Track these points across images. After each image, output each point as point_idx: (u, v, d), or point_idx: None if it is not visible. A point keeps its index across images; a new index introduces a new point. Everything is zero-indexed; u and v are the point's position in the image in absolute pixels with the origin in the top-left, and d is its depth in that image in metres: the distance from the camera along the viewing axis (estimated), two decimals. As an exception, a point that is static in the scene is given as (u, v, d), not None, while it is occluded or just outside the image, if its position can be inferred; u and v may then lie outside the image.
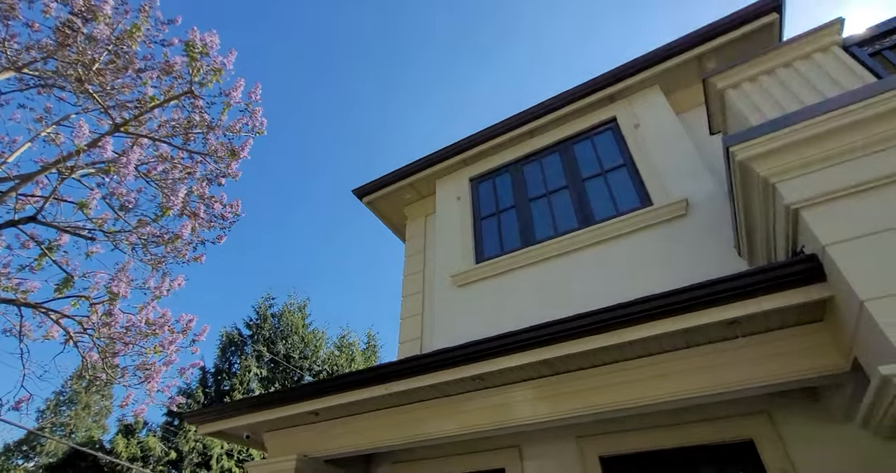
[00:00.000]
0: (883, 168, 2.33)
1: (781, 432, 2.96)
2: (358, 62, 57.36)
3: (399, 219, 6.85)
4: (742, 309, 2.51)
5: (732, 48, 4.97)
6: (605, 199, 4.59)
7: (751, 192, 2.87)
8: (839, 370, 2.44)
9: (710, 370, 2.73)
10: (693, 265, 3.58)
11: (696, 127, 4.84)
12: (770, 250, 3.10)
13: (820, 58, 3.25)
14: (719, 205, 3.89)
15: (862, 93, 2.56)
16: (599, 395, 2.97)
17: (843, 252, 2.20)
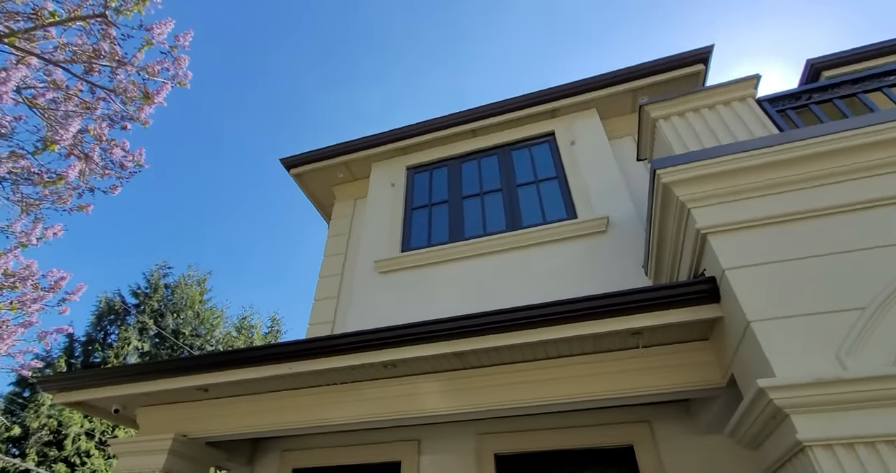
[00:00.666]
0: (778, 207, 2.63)
1: (657, 439, 3.24)
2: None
3: (327, 198, 6.57)
4: (645, 321, 2.70)
5: (663, 88, 5.41)
6: (534, 207, 4.75)
7: (668, 214, 3.10)
8: (717, 385, 2.71)
9: (610, 377, 2.90)
10: (607, 277, 3.82)
11: (623, 153, 5.20)
12: (674, 272, 3.39)
13: (737, 105, 3.61)
14: (634, 227, 4.20)
15: (766, 142, 2.87)
16: (507, 393, 3.03)
17: (739, 277, 2.45)
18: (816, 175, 2.68)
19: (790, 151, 2.74)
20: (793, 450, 1.96)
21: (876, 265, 2.28)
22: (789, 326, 2.20)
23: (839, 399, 1.91)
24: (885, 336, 2.05)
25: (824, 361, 2.05)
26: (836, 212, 2.54)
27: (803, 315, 2.22)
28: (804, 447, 1.87)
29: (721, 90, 3.62)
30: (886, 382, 1.88)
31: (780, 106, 3.63)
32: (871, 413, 1.87)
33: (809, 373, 2.00)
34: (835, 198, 2.58)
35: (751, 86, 3.65)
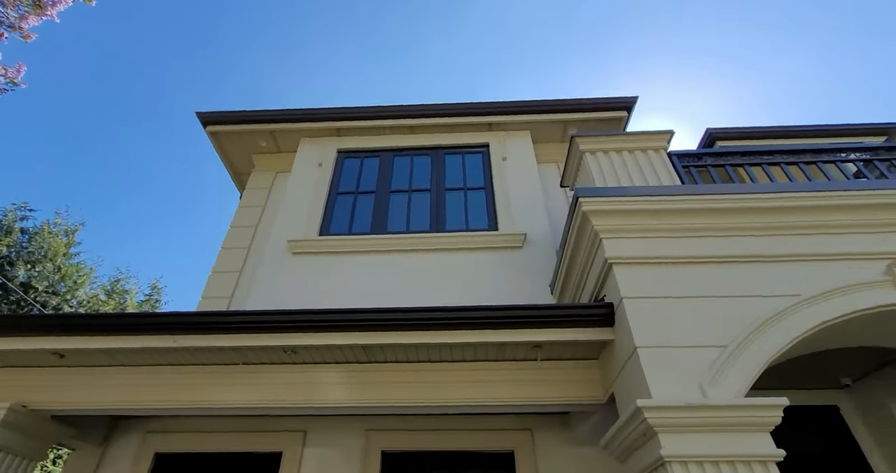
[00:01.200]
0: (672, 249, 2.98)
1: (537, 447, 3.48)
2: None
3: (244, 166, 6.10)
4: (547, 336, 2.90)
5: (589, 125, 5.87)
6: (459, 213, 4.86)
7: (582, 239, 3.35)
8: (598, 401, 2.98)
9: (509, 384, 3.07)
10: (517, 291, 4.02)
11: (547, 177, 5.55)
12: (577, 295, 3.67)
13: (652, 154, 4.02)
14: (547, 247, 4.48)
15: (670, 190, 3.24)
16: (409, 391, 3.06)
17: (634, 307, 2.73)
18: (702, 226, 3.07)
19: (687, 203, 3.11)
20: (655, 464, 2.22)
21: (738, 311, 2.68)
22: (668, 355, 2.50)
23: (698, 423, 2.21)
24: (739, 372, 2.41)
25: (690, 388, 2.36)
26: (713, 261, 2.94)
27: (679, 346, 2.54)
28: (665, 462, 2.13)
29: (642, 137, 4.00)
30: (735, 411, 2.22)
31: (685, 162, 4.09)
32: (721, 436, 2.19)
33: (678, 398, 2.29)
34: (714, 248, 2.98)
35: (665, 139, 4.07)
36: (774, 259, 2.91)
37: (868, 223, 3.02)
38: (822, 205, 3.07)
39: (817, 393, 4.18)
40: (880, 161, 3.79)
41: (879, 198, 3.06)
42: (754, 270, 2.87)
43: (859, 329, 2.89)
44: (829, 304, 2.68)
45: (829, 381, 4.18)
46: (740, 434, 2.19)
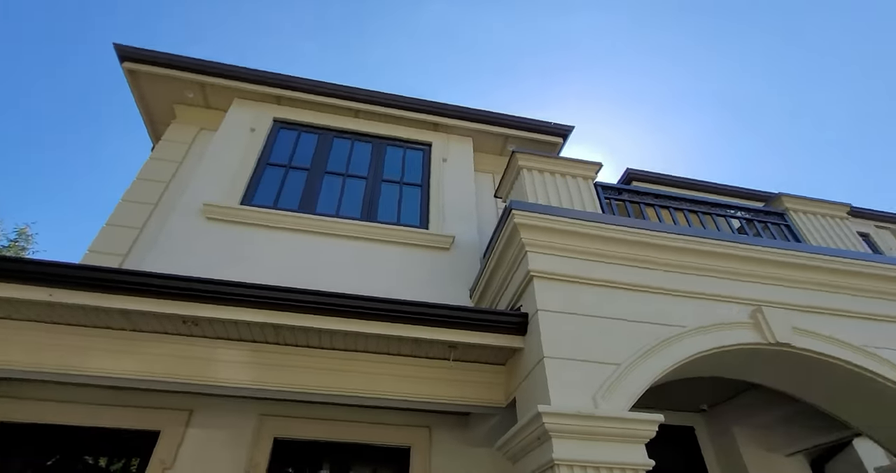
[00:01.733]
0: (588, 271, 3.22)
1: (433, 444, 3.57)
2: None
3: (163, 114, 5.50)
4: (462, 337, 2.99)
5: (526, 144, 6.15)
6: (392, 206, 4.83)
7: (509, 249, 3.50)
8: (499, 405, 3.14)
9: (422, 381, 3.12)
10: (439, 291, 4.08)
11: (482, 187, 5.72)
12: (495, 302, 3.82)
13: (581, 181, 4.31)
14: (472, 254, 4.61)
15: (593, 217, 3.50)
16: (317, 377, 2.98)
17: (547, 319, 2.91)
18: (616, 255, 3.36)
19: (607, 231, 3.39)
20: (545, 466, 2.39)
21: (635, 334, 2.98)
22: (570, 367, 2.71)
23: (587, 431, 2.42)
24: (627, 388, 2.68)
25: (585, 399, 2.58)
26: (620, 287, 3.23)
27: (581, 360, 2.76)
28: (554, 464, 2.30)
29: (575, 164, 4.27)
30: (620, 423, 2.46)
31: (607, 194, 4.44)
32: (605, 444, 2.41)
33: (573, 407, 2.48)
34: (623, 276, 3.28)
35: (594, 170, 4.38)
36: (669, 292, 3.27)
37: (742, 272, 3.52)
38: (712, 251, 3.51)
39: (678, 415, 4.77)
40: (758, 222, 4.43)
41: (754, 252, 3.57)
42: (652, 300, 3.21)
43: (723, 361, 3.34)
44: (705, 337, 3.07)
45: (689, 405, 4.79)
46: (621, 444, 2.44)
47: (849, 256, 3.75)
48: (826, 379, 3.38)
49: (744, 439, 4.54)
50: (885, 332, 3.47)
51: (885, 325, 3.52)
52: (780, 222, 4.49)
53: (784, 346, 3.16)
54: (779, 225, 4.47)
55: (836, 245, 4.31)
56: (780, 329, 3.19)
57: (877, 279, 3.73)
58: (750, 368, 3.49)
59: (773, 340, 3.14)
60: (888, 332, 3.47)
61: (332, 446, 3.48)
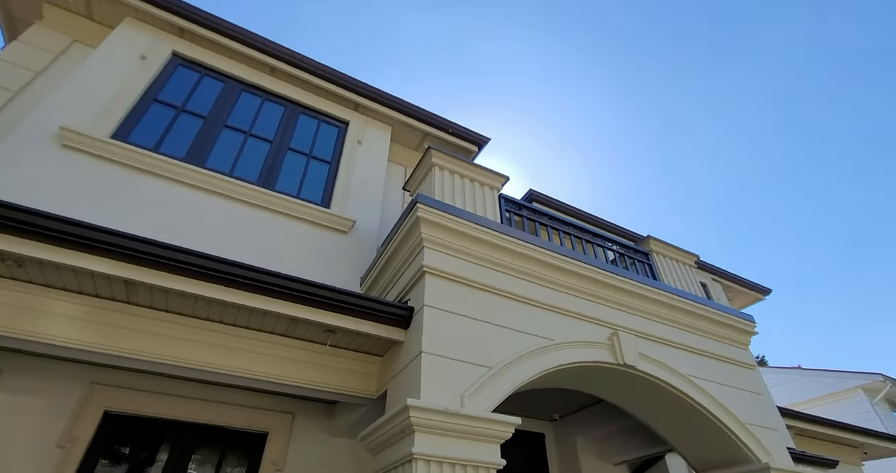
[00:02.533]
0: (477, 275, 3.32)
1: (294, 431, 3.37)
2: None
3: (23, 9, 4.50)
4: (342, 322, 2.87)
5: (445, 146, 6.23)
6: (294, 178, 4.52)
7: (407, 241, 3.47)
8: (370, 396, 3.07)
9: (293, 364, 2.93)
10: (330, 273, 3.89)
11: (392, 177, 5.63)
12: (384, 293, 3.76)
13: (487, 190, 4.45)
14: (370, 242, 4.49)
15: (492, 225, 3.63)
16: (166, 345, 2.64)
17: (432, 315, 2.93)
18: (507, 265, 3.51)
19: (503, 241, 3.53)
20: (403, 460, 2.38)
21: (509, 341, 3.12)
22: (445, 365, 2.74)
23: (450, 428, 2.46)
24: (494, 391, 2.79)
25: (454, 397, 2.62)
26: (505, 295, 3.37)
27: (457, 360, 2.81)
28: (413, 458, 2.30)
29: (485, 173, 4.39)
30: (482, 422, 2.55)
31: (509, 207, 4.65)
32: (464, 442, 2.48)
33: (441, 403, 2.51)
34: (509, 285, 3.43)
35: (501, 181, 4.54)
36: (546, 307, 3.50)
37: (609, 298, 3.90)
38: (589, 275, 3.84)
39: (533, 422, 5.14)
40: (628, 256, 4.97)
41: (620, 282, 3.98)
42: (530, 311, 3.40)
43: (578, 375, 3.66)
44: (569, 352, 3.33)
45: (544, 414, 5.18)
46: (479, 442, 2.52)
47: (689, 298, 4.36)
48: (656, 400, 3.87)
49: (583, 447, 5.03)
50: (706, 366, 4.09)
51: (707, 360, 4.16)
52: (644, 260, 5.09)
53: (630, 368, 3.55)
54: (643, 262, 5.06)
55: (682, 287, 4.99)
56: (629, 352, 3.59)
57: (706, 321, 4.40)
58: (599, 384, 3.87)
59: (623, 361, 3.51)
60: (708, 366, 4.10)
61: (177, 425, 3.10)
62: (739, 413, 3.87)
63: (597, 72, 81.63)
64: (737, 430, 3.77)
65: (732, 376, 4.22)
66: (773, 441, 3.94)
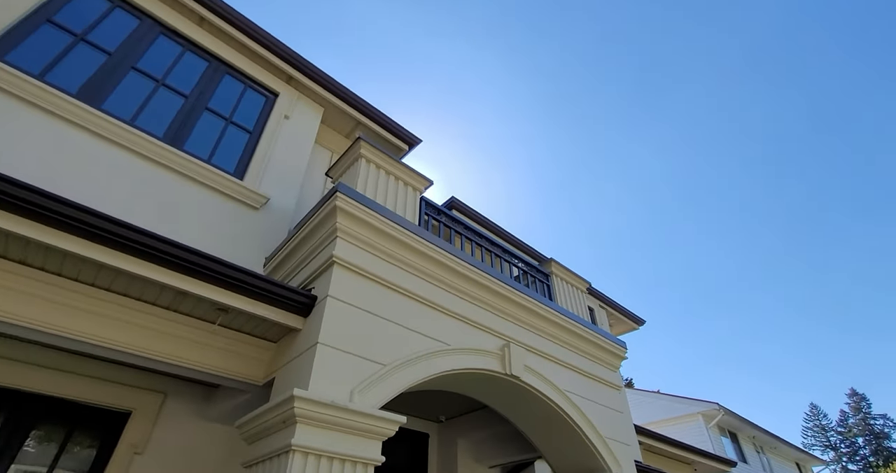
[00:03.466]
0: (386, 272, 3.31)
1: (163, 412, 3.07)
2: None
3: None
4: (236, 302, 2.69)
5: (375, 139, 6.15)
6: (208, 141, 4.16)
7: (321, 228, 3.35)
8: (255, 382, 2.91)
9: (173, 339, 2.68)
10: (234, 250, 3.62)
11: (317, 160, 5.42)
12: (288, 278, 3.60)
13: (410, 191, 4.47)
14: (283, 222, 4.27)
15: (410, 227, 3.64)
16: (31, 306, 2.27)
17: (334, 306, 2.86)
18: (417, 267, 3.55)
19: (417, 243, 3.57)
20: (280, 451, 2.28)
21: (407, 341, 3.15)
22: (340, 358, 2.69)
23: (334, 421, 2.42)
24: (385, 388, 2.79)
25: (343, 391, 2.58)
26: (411, 296, 3.40)
27: (352, 354, 2.78)
28: (291, 450, 2.22)
29: (411, 173, 4.40)
30: (368, 418, 2.54)
31: (428, 211, 4.70)
32: (347, 436, 2.45)
33: (329, 396, 2.45)
34: (416, 287, 3.46)
35: (425, 184, 4.59)
36: (448, 312, 3.58)
37: (507, 311, 4.10)
38: (492, 288, 4.01)
39: (421, 422, 5.21)
40: (531, 275, 5.27)
41: (520, 298, 4.21)
42: (432, 315, 3.46)
43: (469, 381, 3.80)
44: (464, 357, 3.45)
45: (431, 415, 5.27)
46: (362, 438, 2.51)
47: (577, 321, 4.74)
48: (533, 410, 4.13)
49: (463, 450, 5.21)
50: (580, 383, 4.46)
51: (582, 378, 4.53)
52: (544, 280, 5.43)
53: (515, 379, 3.76)
54: (543, 282, 5.39)
55: (573, 309, 5.39)
56: (517, 364, 3.80)
57: (588, 343, 4.80)
58: (485, 391, 4.04)
59: (510, 372, 3.71)
60: (582, 383, 4.47)
61: (17, 395, 2.67)
62: (601, 428, 4.27)
63: (529, 99, 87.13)
64: (597, 443, 4.15)
65: (601, 394, 4.64)
66: (624, 454, 4.39)
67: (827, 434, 49.51)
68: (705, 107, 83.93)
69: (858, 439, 47.68)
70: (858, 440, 47.64)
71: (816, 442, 49.29)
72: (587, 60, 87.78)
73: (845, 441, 48.34)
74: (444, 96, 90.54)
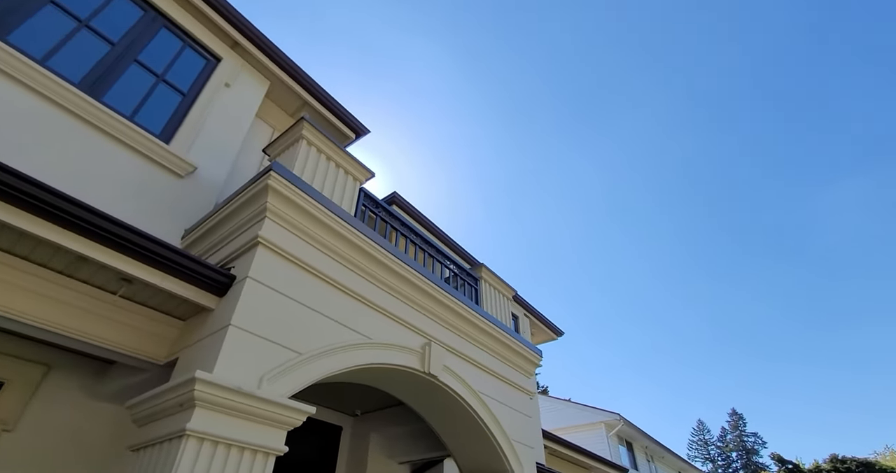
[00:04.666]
0: (316, 262, 3.21)
1: (44, 386, 2.76)
2: None
3: None
4: (146, 273, 2.49)
5: (321, 123, 5.97)
6: (133, 97, 3.80)
7: (249, 207, 3.18)
8: (155, 361, 2.70)
9: (62, 306, 2.40)
10: (150, 217, 3.32)
11: (255, 135, 5.16)
12: (206, 255, 3.38)
13: (350, 180, 4.35)
14: (209, 196, 4.00)
15: (345, 216, 3.55)
16: None
17: (254, 289, 2.73)
18: (346, 257, 3.47)
19: (349, 233, 3.49)
20: (172, 435, 2.13)
21: (328, 331, 3.07)
22: (252, 342, 2.57)
23: (237, 408, 2.30)
24: (298, 377, 2.70)
25: (251, 377, 2.47)
26: (337, 286, 3.31)
27: (266, 339, 2.66)
28: (185, 434, 2.08)
29: (353, 162, 4.29)
30: (275, 407, 2.44)
31: (366, 202, 4.62)
32: (249, 424, 2.33)
33: (235, 382, 2.33)
34: (343, 277, 3.38)
35: (366, 175, 4.50)
36: (373, 306, 3.54)
37: (433, 311, 4.12)
38: (421, 287, 4.01)
39: (336, 414, 5.09)
40: (461, 278, 5.35)
41: (447, 299, 4.25)
42: (357, 308, 3.41)
43: (386, 376, 3.77)
44: (384, 352, 3.42)
45: (347, 408, 5.17)
46: (266, 426, 2.40)
47: (499, 326, 4.86)
48: (447, 409, 4.18)
49: (375, 445, 5.16)
50: (495, 386, 4.58)
51: (497, 381, 4.66)
52: (473, 284, 5.53)
53: (433, 377, 3.78)
54: (472, 286, 5.49)
55: (497, 315, 5.54)
56: (436, 363, 3.83)
57: (507, 348, 4.95)
58: (402, 387, 4.04)
59: (428, 371, 3.73)
60: (496, 386, 4.60)
61: None
62: (510, 431, 4.41)
63: (480, 103, 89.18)
64: (503, 444, 4.28)
65: (513, 398, 4.80)
66: (528, 456, 4.57)
67: (708, 447, 54.70)
68: (647, 133, 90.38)
69: (733, 453, 53.07)
70: (733, 454, 53.03)
71: (699, 454, 54.30)
72: (542, 72, 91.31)
73: (722, 455, 53.65)
74: (396, 90, 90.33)
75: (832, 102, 79.48)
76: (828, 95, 79.34)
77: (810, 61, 77.67)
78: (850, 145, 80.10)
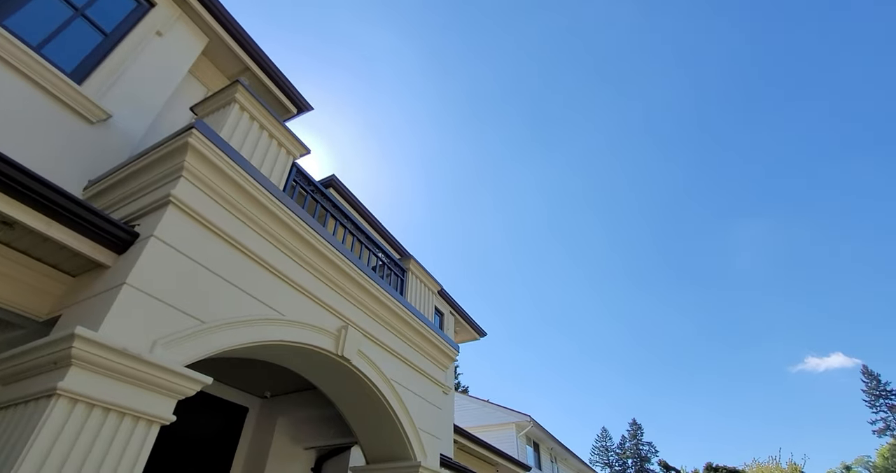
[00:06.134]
0: (232, 230, 3.06)
1: None
2: None
3: None
4: (31, 219, 2.25)
5: (260, 92, 5.71)
6: (44, 27, 3.40)
7: (164, 164, 2.96)
8: (34, 317, 2.45)
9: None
10: (50, 163, 2.99)
11: (185, 91, 4.83)
12: (110, 209, 3.11)
13: (283, 153, 4.12)
14: (122, 149, 3.69)
15: (270, 187, 3.40)
16: None
17: (156, 249, 2.55)
18: (267, 229, 3.33)
19: (272, 204, 3.36)
20: (40, 394, 1.94)
21: (237, 302, 2.94)
22: (148, 305, 2.40)
23: (121, 370, 2.14)
24: (198, 346, 2.56)
25: (143, 341, 2.30)
26: (252, 258, 3.17)
27: (167, 303, 2.50)
28: (55, 394, 1.90)
29: (288, 135, 4.12)
30: (166, 373, 2.29)
31: (298, 179, 4.48)
32: (134, 389, 2.18)
33: (121, 343, 2.16)
34: (261, 249, 3.24)
35: (301, 152, 4.33)
36: (292, 283, 3.44)
37: (354, 295, 4.07)
38: (345, 270, 3.94)
39: (243, 395, 4.86)
40: (388, 267, 5.33)
41: (370, 285, 4.21)
42: (273, 282, 3.29)
43: (298, 356, 3.67)
44: (296, 330, 3.33)
45: (257, 389, 4.96)
46: (154, 393, 2.25)
47: (419, 317, 4.89)
48: (358, 394, 4.15)
49: (281, 428, 5.00)
50: (408, 375, 4.61)
51: (411, 370, 4.69)
52: (400, 275, 5.53)
53: (346, 361, 3.74)
54: (399, 276, 5.49)
55: (419, 307, 5.57)
56: (351, 347, 3.79)
57: (424, 339, 4.99)
58: (314, 369, 3.95)
59: (341, 354, 3.68)
60: (409, 376, 4.63)
61: None
62: (417, 420, 4.45)
63: (436, 103, 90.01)
64: (410, 433, 4.31)
65: (425, 388, 4.85)
66: (432, 446, 4.64)
67: (608, 453, 58.45)
68: (597, 154, 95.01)
69: (629, 460, 57.11)
70: (629, 461, 57.06)
71: (599, 459, 57.92)
72: (502, 83, 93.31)
73: (619, 461, 57.56)
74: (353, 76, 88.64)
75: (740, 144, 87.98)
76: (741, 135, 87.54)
77: (745, 102, 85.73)
78: (753, 186, 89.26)
